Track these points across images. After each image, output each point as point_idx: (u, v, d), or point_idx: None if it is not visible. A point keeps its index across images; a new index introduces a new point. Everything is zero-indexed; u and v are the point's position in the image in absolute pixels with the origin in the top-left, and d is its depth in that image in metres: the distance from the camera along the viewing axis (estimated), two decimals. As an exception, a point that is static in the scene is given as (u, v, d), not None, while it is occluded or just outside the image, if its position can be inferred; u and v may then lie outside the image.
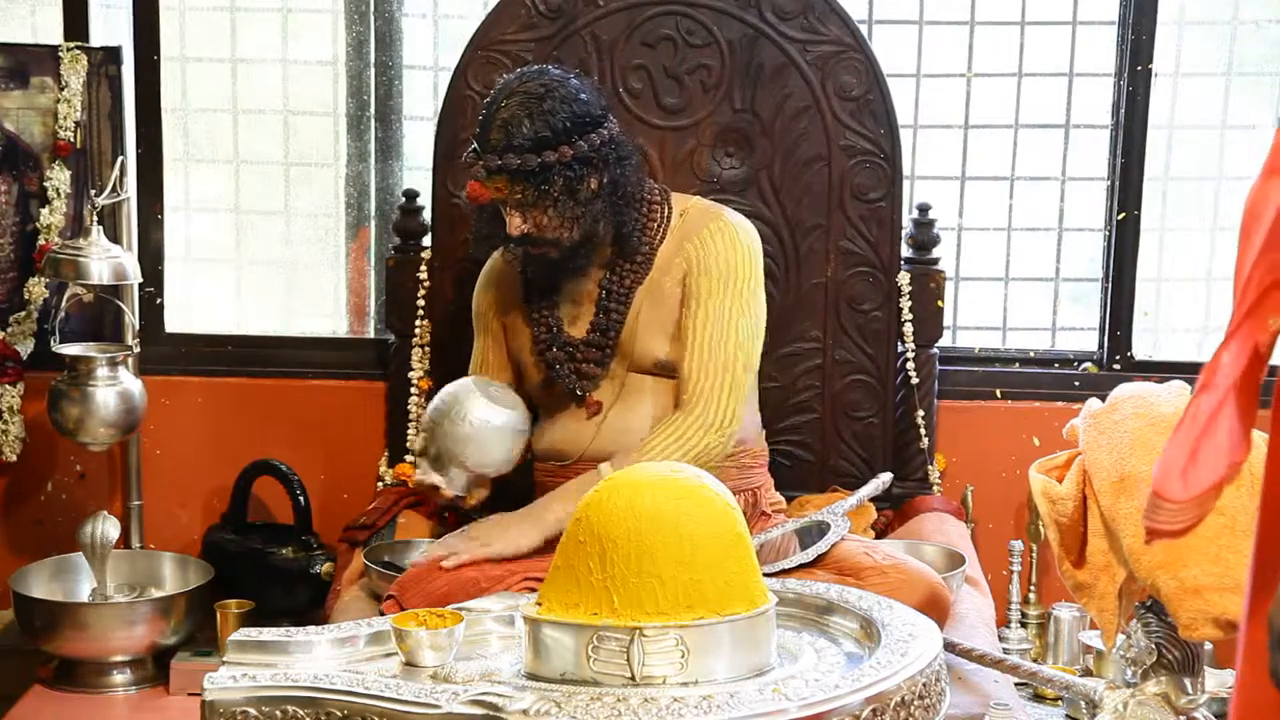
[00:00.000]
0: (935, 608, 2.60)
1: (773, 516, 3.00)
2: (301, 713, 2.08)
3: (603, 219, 2.84)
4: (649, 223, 2.93)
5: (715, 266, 2.89)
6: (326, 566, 3.26)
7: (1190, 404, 1.57)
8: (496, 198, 2.80)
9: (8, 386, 3.46)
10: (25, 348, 3.49)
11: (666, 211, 2.95)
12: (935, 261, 3.41)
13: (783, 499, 3.10)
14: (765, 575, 2.28)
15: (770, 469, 3.11)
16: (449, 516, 3.24)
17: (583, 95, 2.81)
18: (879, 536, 3.21)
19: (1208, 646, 2.80)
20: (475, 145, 2.81)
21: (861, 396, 3.37)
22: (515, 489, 3.10)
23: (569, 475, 2.95)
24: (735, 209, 3.19)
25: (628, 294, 2.91)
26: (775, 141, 3.31)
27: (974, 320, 3.72)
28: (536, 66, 2.90)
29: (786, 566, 2.74)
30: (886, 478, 3.18)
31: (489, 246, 3.00)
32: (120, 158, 3.44)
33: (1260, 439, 2.29)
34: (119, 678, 3.08)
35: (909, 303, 3.35)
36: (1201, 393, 1.56)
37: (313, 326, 3.80)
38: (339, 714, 2.07)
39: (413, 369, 3.40)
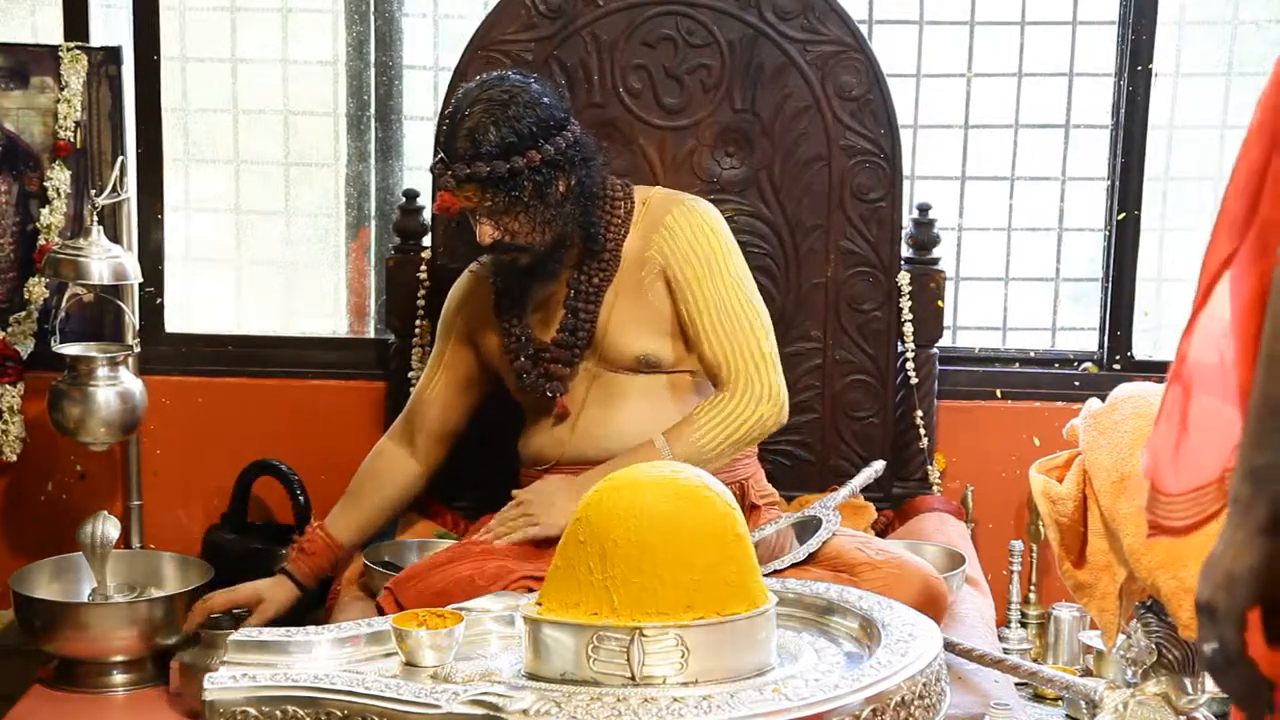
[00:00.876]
0: (931, 602, 2.60)
1: (763, 509, 3.00)
2: (301, 713, 2.08)
3: (572, 221, 2.84)
4: (613, 219, 2.93)
5: (692, 252, 2.90)
6: (326, 566, 3.26)
7: (1164, 395, 1.57)
8: (466, 207, 2.80)
9: (8, 386, 3.46)
10: (25, 348, 3.48)
11: (629, 206, 2.96)
12: (935, 261, 3.41)
13: (774, 491, 3.10)
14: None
15: (770, 469, 3.11)
16: (449, 518, 3.24)
17: (545, 99, 2.81)
18: (879, 536, 3.20)
19: (1208, 646, 2.79)
20: (442, 155, 2.80)
21: (861, 396, 3.37)
22: (506, 497, 3.11)
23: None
24: (735, 209, 3.20)
25: (597, 292, 2.92)
26: (775, 141, 3.31)
27: (974, 320, 3.72)
28: (496, 73, 2.88)
29: (779, 566, 2.75)
30: (879, 465, 3.19)
31: (476, 252, 2.98)
32: (120, 158, 3.44)
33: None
34: (119, 678, 3.08)
35: (909, 303, 3.35)
36: (1171, 383, 1.56)
37: (313, 326, 3.80)
38: (339, 714, 2.07)
39: (413, 369, 3.40)
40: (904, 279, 3.35)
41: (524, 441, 3.05)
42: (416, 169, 3.71)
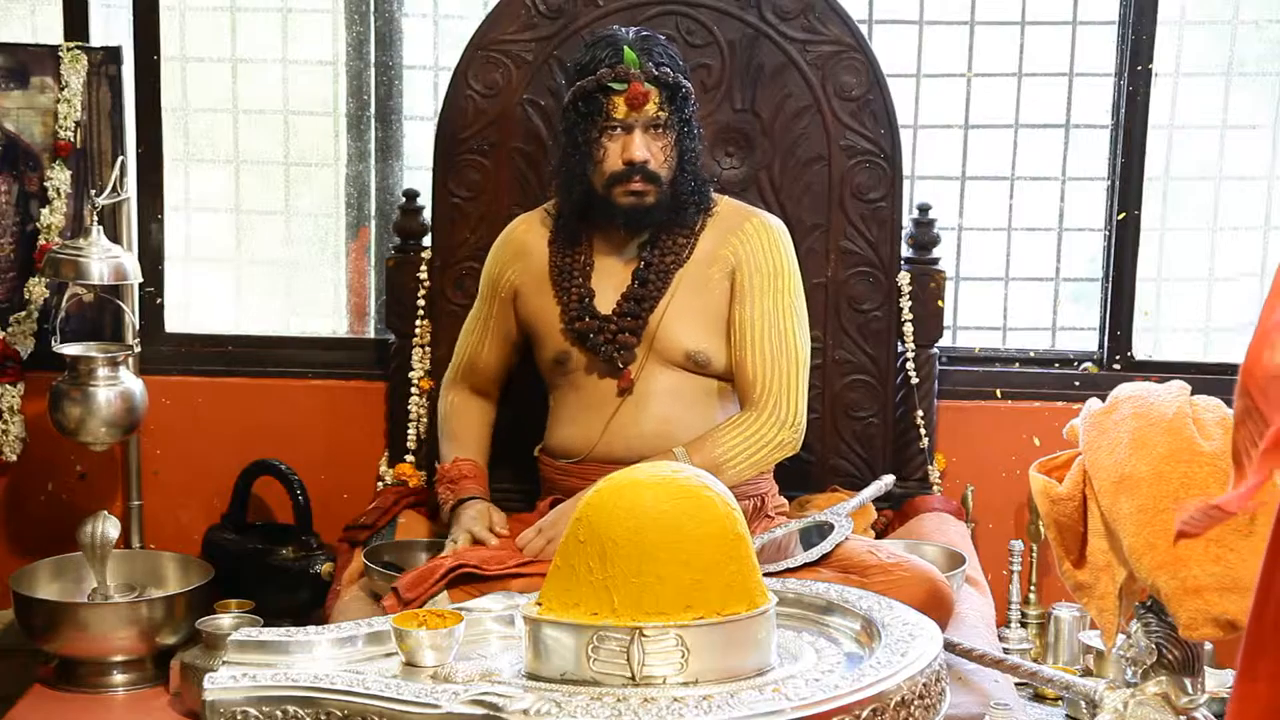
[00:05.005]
0: (938, 605, 2.60)
1: (776, 519, 3.00)
2: (301, 713, 2.08)
3: (690, 178, 2.92)
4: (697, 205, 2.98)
5: (764, 265, 2.94)
6: (326, 566, 3.26)
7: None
8: (647, 110, 2.84)
9: (8, 386, 3.46)
10: (25, 348, 3.49)
11: (708, 203, 2.99)
12: (935, 261, 3.41)
13: (786, 502, 3.10)
14: (769, 575, 2.28)
15: (773, 470, 3.11)
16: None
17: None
18: (879, 536, 3.20)
19: (1208, 646, 2.80)
20: (612, 57, 2.84)
21: (861, 396, 3.37)
22: (521, 488, 3.10)
23: (575, 472, 2.93)
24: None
25: (667, 271, 2.93)
26: (775, 141, 3.31)
27: (974, 320, 3.72)
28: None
29: (791, 565, 2.75)
30: (889, 479, 3.19)
31: (574, 190, 2.93)
32: (120, 158, 3.44)
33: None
34: (119, 678, 3.08)
35: (909, 303, 3.35)
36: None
37: (313, 326, 3.80)
38: (339, 714, 2.07)
39: (413, 369, 3.41)
40: (904, 279, 3.35)
41: (550, 433, 3.03)
42: (416, 169, 3.71)
